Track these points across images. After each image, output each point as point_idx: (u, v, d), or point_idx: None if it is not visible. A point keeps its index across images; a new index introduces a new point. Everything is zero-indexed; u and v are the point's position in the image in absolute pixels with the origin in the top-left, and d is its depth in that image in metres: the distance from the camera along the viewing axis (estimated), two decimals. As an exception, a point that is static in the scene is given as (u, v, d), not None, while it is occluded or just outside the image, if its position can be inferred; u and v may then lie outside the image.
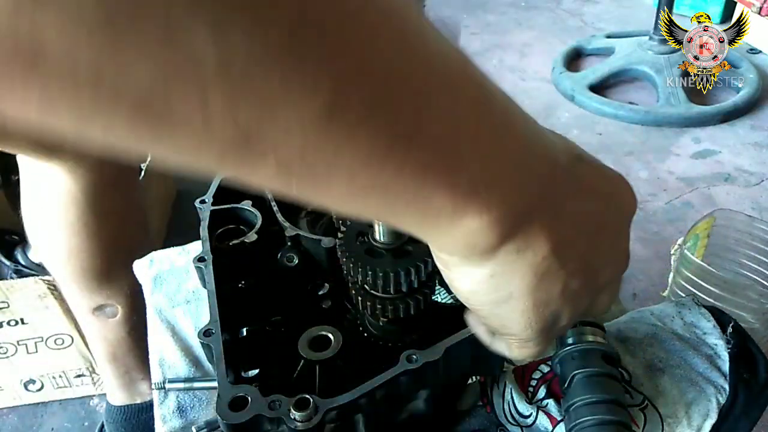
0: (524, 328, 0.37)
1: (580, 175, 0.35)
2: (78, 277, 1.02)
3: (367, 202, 0.27)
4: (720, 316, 0.66)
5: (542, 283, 0.34)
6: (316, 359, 0.50)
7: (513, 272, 0.33)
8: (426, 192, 0.27)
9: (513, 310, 0.35)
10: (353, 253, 0.48)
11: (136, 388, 1.22)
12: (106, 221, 0.98)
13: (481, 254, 0.32)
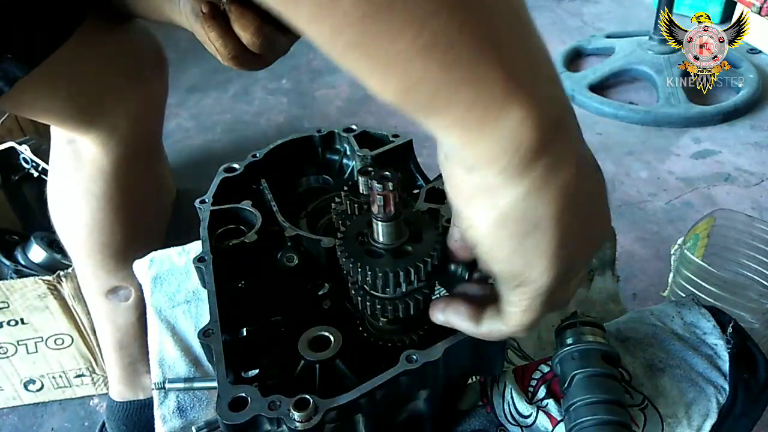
0: (545, 269, 0.37)
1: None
2: (97, 254, 1.04)
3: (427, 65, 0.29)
4: (720, 316, 0.66)
5: (567, 210, 0.35)
6: (316, 359, 0.50)
7: (544, 193, 0.34)
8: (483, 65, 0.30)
9: (538, 243, 0.36)
10: (353, 253, 0.48)
11: (140, 382, 1.22)
12: (131, 197, 1.00)
13: (521, 162, 0.33)
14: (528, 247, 0.36)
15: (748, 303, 1.20)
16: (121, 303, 1.11)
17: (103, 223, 1.00)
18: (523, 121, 0.32)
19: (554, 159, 0.34)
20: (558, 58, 2.55)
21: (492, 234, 0.37)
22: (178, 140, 2.15)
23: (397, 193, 0.45)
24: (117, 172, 0.96)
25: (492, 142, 0.33)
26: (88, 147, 0.92)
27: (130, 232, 1.04)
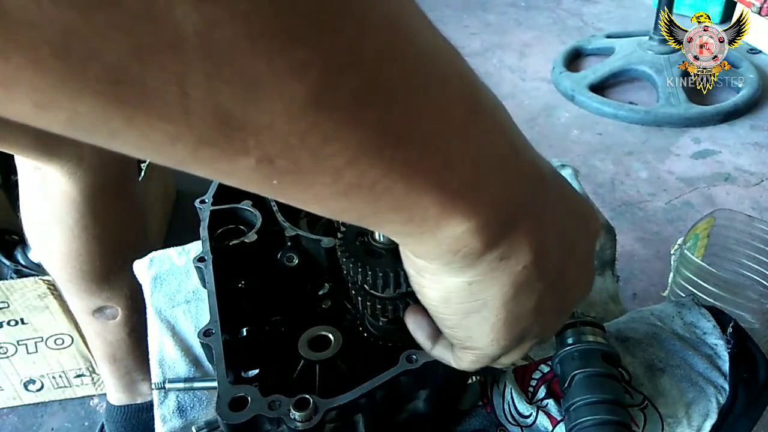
0: (490, 342, 0.36)
1: (559, 186, 0.35)
2: (77, 280, 1.02)
3: (351, 202, 0.25)
4: (720, 316, 0.66)
5: (519, 294, 0.33)
6: (316, 359, 0.50)
7: (492, 280, 0.32)
8: (414, 193, 0.26)
9: (484, 321, 0.34)
10: (353, 253, 0.48)
11: (137, 389, 1.22)
12: (106, 224, 0.97)
13: (463, 260, 0.30)
14: (472, 324, 0.35)
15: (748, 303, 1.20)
16: (109, 321, 1.10)
17: (80, 251, 0.97)
18: (464, 231, 0.28)
19: (503, 252, 0.31)
20: (558, 58, 2.56)
21: (437, 307, 0.36)
22: (178, 140, 2.15)
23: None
24: (89, 202, 0.92)
25: (432, 247, 0.30)
26: (55, 176, 0.89)
27: (109, 258, 1.01)
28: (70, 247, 0.96)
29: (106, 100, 0.18)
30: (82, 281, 1.02)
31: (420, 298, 0.37)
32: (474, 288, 0.32)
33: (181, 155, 0.21)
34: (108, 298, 1.06)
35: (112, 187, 0.95)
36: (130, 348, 1.14)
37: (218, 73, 0.19)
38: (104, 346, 1.14)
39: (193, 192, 0.71)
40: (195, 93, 0.19)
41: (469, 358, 0.40)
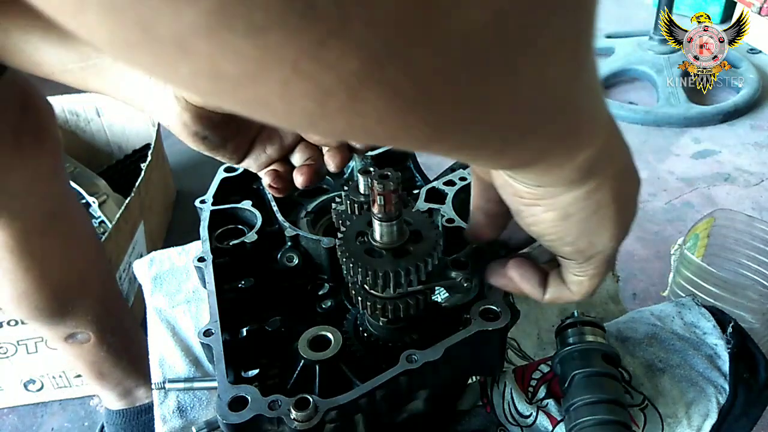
0: (610, 237, 0.41)
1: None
2: (36, 317, 0.99)
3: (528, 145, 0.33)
4: (720, 316, 0.66)
5: (622, 185, 0.40)
6: (316, 359, 0.50)
7: (605, 180, 0.39)
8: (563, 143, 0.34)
9: (603, 219, 0.40)
10: (353, 253, 0.48)
11: (132, 395, 1.21)
12: (48, 262, 0.93)
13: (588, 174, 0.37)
14: (592, 227, 0.41)
15: (748, 303, 1.20)
16: (83, 344, 1.07)
17: (29, 292, 0.93)
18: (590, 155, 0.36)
19: (608, 160, 0.38)
20: (558, 58, 2.55)
21: (557, 226, 0.41)
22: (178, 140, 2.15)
23: (397, 193, 0.45)
24: (23, 245, 0.88)
25: (563, 173, 0.37)
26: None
27: (63, 292, 0.98)
28: (18, 289, 0.93)
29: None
30: (41, 317, 0.99)
31: (534, 228, 0.42)
32: (592, 193, 0.39)
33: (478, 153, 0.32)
34: (75, 326, 1.03)
35: (46, 227, 0.91)
36: (113, 363, 1.13)
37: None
38: (87, 365, 1.12)
39: (193, 192, 0.71)
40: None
41: (589, 273, 0.44)
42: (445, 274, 0.53)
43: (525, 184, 0.40)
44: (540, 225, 0.41)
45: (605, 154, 0.38)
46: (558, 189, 0.39)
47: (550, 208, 0.40)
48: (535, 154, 0.35)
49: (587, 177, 0.38)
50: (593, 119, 0.35)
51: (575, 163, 0.36)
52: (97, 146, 1.92)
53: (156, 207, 1.70)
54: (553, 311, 0.80)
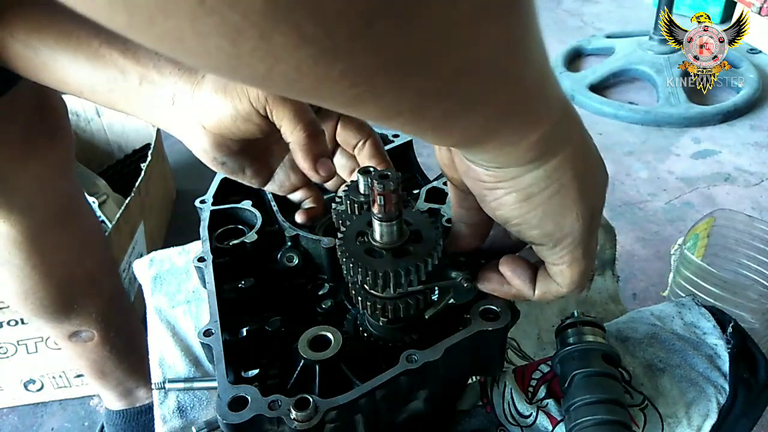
0: (576, 218, 0.42)
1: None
2: (41, 314, 0.99)
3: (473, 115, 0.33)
4: (720, 316, 0.65)
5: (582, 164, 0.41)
6: (316, 359, 0.50)
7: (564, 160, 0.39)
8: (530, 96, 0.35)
9: (565, 199, 0.41)
10: (353, 253, 0.48)
11: (133, 395, 1.21)
12: (56, 259, 0.94)
13: (546, 153, 0.38)
14: (555, 207, 0.41)
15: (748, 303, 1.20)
16: (87, 342, 1.08)
17: (35, 289, 0.94)
18: (544, 133, 0.37)
19: (564, 138, 0.39)
20: (558, 58, 2.56)
21: (520, 208, 0.41)
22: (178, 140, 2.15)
23: (397, 193, 0.45)
24: (32, 241, 0.89)
25: (519, 152, 0.38)
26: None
27: (69, 289, 0.98)
28: (24, 285, 0.93)
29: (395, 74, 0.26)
30: (46, 315, 0.99)
31: (499, 213, 0.43)
32: (551, 173, 0.39)
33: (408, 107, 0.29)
34: (79, 324, 1.04)
35: (54, 224, 0.91)
36: (115, 363, 1.13)
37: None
38: (89, 364, 1.12)
39: (193, 192, 0.71)
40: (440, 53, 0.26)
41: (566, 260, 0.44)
42: (445, 275, 0.53)
43: (485, 167, 0.40)
44: (504, 208, 0.42)
45: (560, 133, 0.39)
46: (517, 170, 0.39)
47: (511, 190, 0.41)
48: (482, 129, 0.35)
49: (545, 156, 0.39)
50: (543, 96, 0.36)
51: (529, 141, 0.37)
52: (97, 146, 1.92)
53: (156, 207, 1.70)
54: (553, 311, 0.80)
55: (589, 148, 0.42)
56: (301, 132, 0.54)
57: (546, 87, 0.36)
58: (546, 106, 0.37)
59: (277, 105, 0.53)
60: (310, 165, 0.56)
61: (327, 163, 0.56)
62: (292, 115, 0.54)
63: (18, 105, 0.77)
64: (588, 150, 0.42)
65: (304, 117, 0.55)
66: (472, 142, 0.37)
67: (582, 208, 0.42)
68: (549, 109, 0.37)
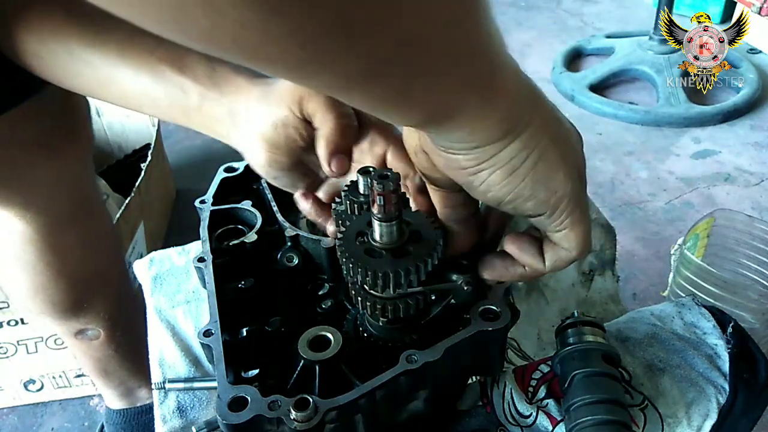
0: (564, 177, 0.42)
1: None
2: (50, 311, 0.99)
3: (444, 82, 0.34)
4: (720, 316, 0.66)
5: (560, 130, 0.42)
6: (316, 359, 0.50)
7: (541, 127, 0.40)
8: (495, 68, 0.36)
9: (550, 164, 0.42)
10: (353, 253, 0.48)
11: (134, 395, 1.21)
12: (69, 257, 0.94)
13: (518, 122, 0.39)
14: (542, 173, 0.42)
15: (748, 303, 1.20)
16: (92, 341, 1.08)
17: (46, 286, 0.94)
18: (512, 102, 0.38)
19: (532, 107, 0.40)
20: (558, 58, 2.56)
21: (508, 183, 0.42)
22: (178, 140, 2.15)
23: (397, 193, 0.45)
24: (47, 239, 0.89)
25: (491, 125, 0.38)
26: (5, 216, 0.86)
27: (79, 288, 0.98)
28: (35, 282, 0.93)
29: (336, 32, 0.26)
30: (55, 312, 0.99)
31: (491, 195, 0.43)
32: (529, 142, 0.40)
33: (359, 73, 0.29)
34: (86, 322, 1.04)
35: (69, 222, 0.91)
36: (119, 362, 1.13)
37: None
38: (93, 362, 1.13)
39: (193, 192, 0.71)
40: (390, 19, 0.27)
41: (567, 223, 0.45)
42: (446, 277, 0.53)
43: (462, 152, 0.41)
44: (494, 189, 0.42)
45: (526, 103, 0.40)
46: (494, 146, 0.40)
47: (495, 168, 0.41)
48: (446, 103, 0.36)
49: (517, 128, 0.40)
50: (502, 66, 0.37)
51: (498, 112, 0.38)
52: (97, 146, 1.92)
53: (156, 207, 1.70)
54: (553, 311, 0.80)
55: (555, 113, 0.44)
56: (331, 121, 0.55)
57: (503, 56, 0.37)
58: (506, 75, 0.38)
59: (311, 98, 0.54)
60: (326, 156, 0.55)
61: (342, 159, 0.56)
62: (326, 106, 0.55)
63: (44, 105, 0.77)
64: (554, 113, 0.43)
65: (338, 108, 0.55)
66: (438, 118, 0.37)
67: (567, 168, 0.43)
68: (509, 79, 0.38)
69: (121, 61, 0.59)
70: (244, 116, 0.57)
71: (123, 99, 0.62)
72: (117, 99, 0.63)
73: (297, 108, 0.54)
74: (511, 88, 0.38)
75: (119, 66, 0.60)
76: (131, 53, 0.59)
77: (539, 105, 0.42)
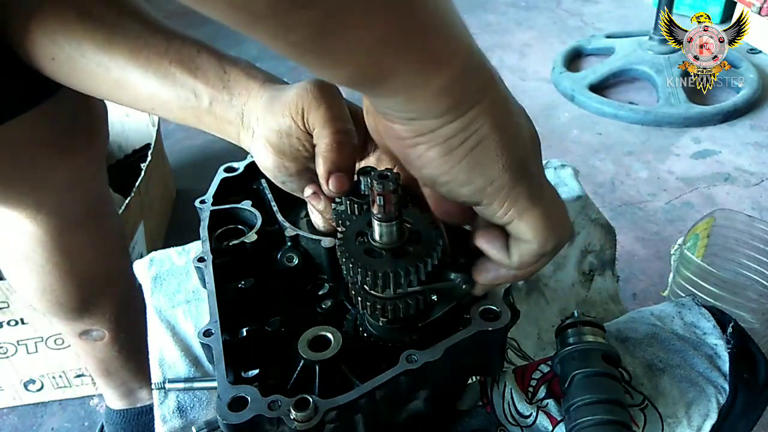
0: (503, 167, 0.41)
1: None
2: (56, 311, 0.99)
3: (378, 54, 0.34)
4: (720, 316, 0.66)
5: (502, 116, 0.41)
6: (316, 359, 0.50)
7: (482, 112, 0.39)
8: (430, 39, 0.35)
9: (487, 150, 0.41)
10: (353, 254, 0.48)
11: (135, 396, 1.21)
12: (78, 258, 0.94)
13: (460, 100, 0.38)
14: (479, 159, 0.41)
15: (748, 303, 1.20)
16: (96, 342, 1.08)
17: (54, 287, 0.94)
18: (452, 77, 0.37)
19: (479, 88, 0.39)
20: (558, 58, 2.55)
21: (444, 163, 0.41)
22: (178, 140, 2.15)
23: (397, 193, 0.45)
24: (56, 241, 0.89)
25: (428, 98, 0.37)
26: (16, 217, 0.85)
27: (86, 289, 0.98)
28: (43, 282, 0.93)
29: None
30: (61, 312, 1.00)
31: (426, 171, 0.42)
32: (470, 124, 0.39)
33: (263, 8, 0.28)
34: (91, 323, 1.04)
35: (79, 224, 0.91)
36: (122, 363, 1.13)
37: None
38: (96, 362, 1.13)
39: (193, 192, 0.71)
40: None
41: (512, 213, 0.44)
42: (445, 276, 0.53)
43: (401, 121, 0.40)
44: (429, 166, 0.41)
45: (473, 82, 0.39)
46: (433, 122, 0.39)
47: (432, 144, 0.40)
48: (371, 60, 0.34)
49: (460, 107, 0.39)
50: (443, 34, 0.36)
51: (437, 85, 0.37)
52: (97, 146, 1.92)
53: (156, 207, 1.70)
54: (553, 311, 0.80)
55: (507, 99, 0.42)
56: (327, 138, 0.54)
57: (446, 25, 0.36)
58: (448, 46, 0.36)
59: (311, 110, 0.54)
60: (323, 174, 0.54)
61: (340, 178, 0.54)
62: (324, 121, 0.53)
63: (62, 106, 0.77)
64: (506, 101, 0.42)
65: (335, 124, 0.54)
66: (368, 79, 0.36)
67: (508, 157, 0.41)
68: (453, 51, 0.37)
69: (133, 63, 0.59)
70: (253, 120, 0.57)
71: (134, 101, 0.62)
72: (128, 101, 0.63)
73: (300, 119, 0.54)
74: (456, 62, 0.37)
75: (130, 68, 0.60)
76: (142, 55, 0.59)
77: (490, 88, 0.40)
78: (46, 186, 0.83)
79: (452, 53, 0.37)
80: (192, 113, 0.60)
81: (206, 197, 0.69)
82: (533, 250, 0.46)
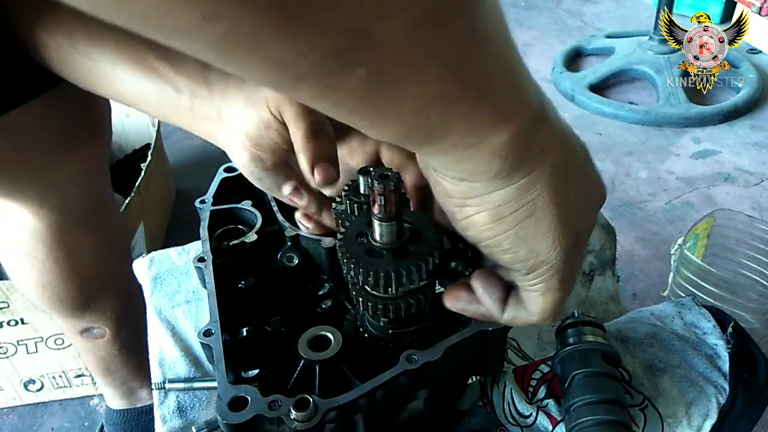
0: (552, 244, 0.38)
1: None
2: (57, 308, 0.99)
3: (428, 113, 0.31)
4: (720, 316, 0.66)
5: (561, 184, 0.37)
6: (316, 359, 0.50)
7: (537, 177, 0.36)
8: (473, 107, 0.31)
9: (539, 223, 0.37)
10: (353, 253, 0.48)
11: (135, 395, 1.21)
12: (79, 256, 0.94)
13: (512, 164, 0.34)
14: (530, 232, 0.38)
15: (748, 303, 1.20)
16: (97, 339, 1.08)
17: (55, 284, 0.94)
18: (510, 138, 0.33)
19: (539, 151, 0.35)
20: (558, 58, 2.55)
21: (491, 229, 0.38)
22: (178, 140, 2.15)
23: (397, 193, 0.45)
24: (58, 237, 0.88)
25: (481, 159, 0.34)
26: (18, 211, 0.85)
27: (87, 287, 0.98)
28: (44, 279, 0.93)
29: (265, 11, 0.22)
30: (62, 309, 0.99)
31: (470, 233, 0.40)
32: (522, 191, 0.36)
33: (307, 68, 0.25)
34: (92, 321, 1.04)
35: (81, 221, 0.91)
36: (123, 361, 1.13)
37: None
38: (96, 360, 1.13)
39: (193, 192, 0.71)
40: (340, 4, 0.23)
41: (539, 288, 0.41)
42: (445, 265, 0.53)
43: (450, 180, 0.37)
44: (474, 229, 0.39)
45: (534, 144, 0.35)
46: (484, 185, 0.36)
47: (480, 209, 0.38)
48: (422, 117, 0.31)
49: (516, 171, 0.35)
50: (503, 89, 0.32)
51: (492, 145, 0.33)
52: (97, 146, 1.92)
53: (156, 207, 1.70)
54: (553, 311, 0.79)
55: (575, 164, 0.38)
56: (301, 130, 0.53)
57: (510, 79, 0.32)
58: (510, 102, 0.33)
59: (285, 105, 0.53)
60: (307, 166, 0.53)
61: (326, 168, 0.52)
62: (297, 114, 0.53)
63: (67, 99, 0.77)
64: (573, 166, 0.38)
65: (308, 116, 0.53)
66: (417, 138, 0.33)
67: (561, 234, 0.38)
68: (515, 109, 0.33)
69: (119, 57, 0.59)
70: (231, 115, 0.57)
71: (118, 95, 0.62)
72: (113, 94, 0.62)
73: (277, 113, 0.54)
74: (517, 120, 0.33)
75: (117, 61, 0.59)
76: (129, 50, 0.59)
77: (553, 149, 0.36)
78: (49, 180, 0.83)
79: (515, 109, 0.33)
80: (172, 109, 0.59)
81: (206, 197, 0.69)
82: (529, 320, 0.45)
